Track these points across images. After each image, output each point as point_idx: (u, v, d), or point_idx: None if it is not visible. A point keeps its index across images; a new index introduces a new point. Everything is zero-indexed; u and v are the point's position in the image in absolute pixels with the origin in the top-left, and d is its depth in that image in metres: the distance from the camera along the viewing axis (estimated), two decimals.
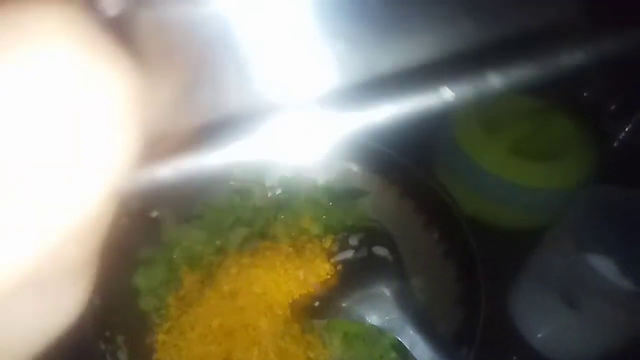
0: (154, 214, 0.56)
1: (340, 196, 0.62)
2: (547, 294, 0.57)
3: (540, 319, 0.60)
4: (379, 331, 0.52)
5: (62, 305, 0.13)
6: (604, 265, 0.57)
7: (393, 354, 0.51)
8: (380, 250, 0.50)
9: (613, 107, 0.78)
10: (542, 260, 0.59)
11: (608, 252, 0.56)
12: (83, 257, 0.13)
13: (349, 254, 0.50)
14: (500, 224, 0.66)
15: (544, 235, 0.58)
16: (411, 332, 0.43)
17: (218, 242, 0.57)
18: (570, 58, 0.14)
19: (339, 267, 0.50)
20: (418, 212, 0.59)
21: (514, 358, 0.60)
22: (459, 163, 0.67)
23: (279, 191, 0.63)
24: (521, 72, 0.15)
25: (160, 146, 0.14)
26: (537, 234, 0.59)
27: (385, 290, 0.46)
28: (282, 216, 0.59)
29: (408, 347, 0.42)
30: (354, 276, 0.48)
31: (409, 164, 0.59)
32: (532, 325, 0.60)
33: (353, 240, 0.52)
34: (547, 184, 0.63)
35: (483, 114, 0.68)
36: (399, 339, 0.43)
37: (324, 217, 0.59)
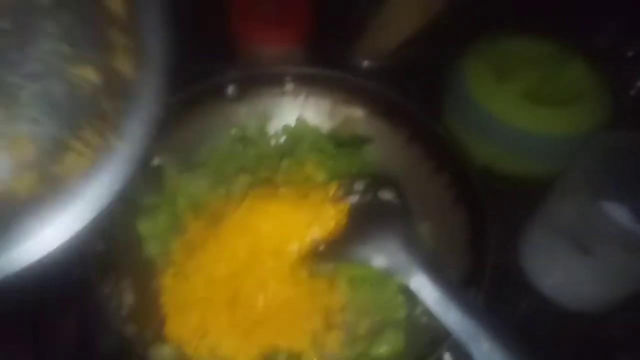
0: (156, 161, 0.55)
1: (345, 143, 0.60)
2: (559, 241, 0.56)
3: (551, 266, 0.59)
4: (386, 275, 0.51)
5: None
6: (618, 212, 0.56)
7: (400, 298, 0.51)
8: (386, 194, 0.48)
9: (631, 54, 0.75)
10: (554, 208, 0.58)
11: (622, 199, 0.55)
12: None
13: (354, 199, 0.49)
14: (512, 173, 0.65)
15: (556, 183, 0.57)
16: (418, 275, 0.42)
17: (221, 190, 0.56)
18: None
19: (345, 211, 0.49)
20: (426, 157, 0.57)
21: (523, 304, 0.59)
22: (470, 110, 0.65)
23: (282, 139, 0.62)
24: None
25: None
26: (549, 182, 0.58)
27: (392, 234, 0.45)
28: (286, 164, 0.58)
29: (414, 290, 0.42)
30: (360, 220, 0.47)
31: (416, 107, 0.57)
32: (542, 272, 0.60)
33: (358, 186, 0.50)
34: (559, 131, 0.61)
35: (494, 60, 0.66)
36: (406, 282, 0.43)
37: (328, 164, 0.58)
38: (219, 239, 0.48)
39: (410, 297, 0.50)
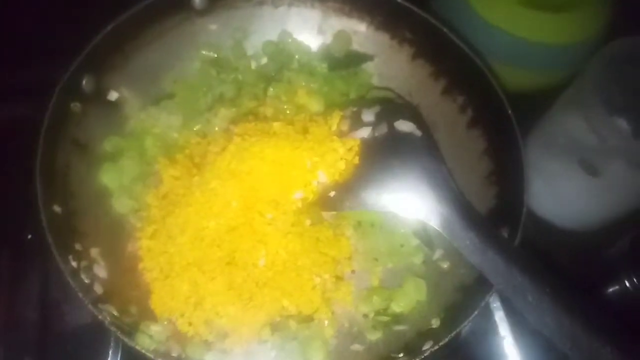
0: (114, 95, 0.44)
1: (341, 63, 0.51)
2: (561, 160, 0.51)
3: (550, 187, 0.55)
4: (397, 217, 0.45)
5: None
6: (628, 125, 0.51)
7: (415, 242, 0.45)
8: (405, 125, 0.40)
9: None
10: (556, 124, 0.53)
11: (633, 110, 0.51)
12: None
13: (365, 133, 0.41)
14: (508, 86, 0.58)
15: (558, 97, 0.52)
16: (450, 218, 0.35)
17: (197, 127, 0.47)
18: None
19: (356, 149, 0.41)
20: (435, 76, 0.49)
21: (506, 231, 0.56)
22: (461, 16, 0.56)
23: (264, 60, 0.52)
24: None
25: None
26: (550, 96, 0.52)
27: (418, 173, 0.38)
28: (272, 90, 0.49)
29: (448, 236, 0.35)
30: (377, 159, 0.39)
31: (424, 14, 0.47)
32: (538, 194, 0.55)
33: (367, 116, 0.42)
34: (561, 38, 0.54)
35: None
36: (435, 226, 0.36)
37: (323, 89, 0.49)
38: (204, 189, 0.39)
39: (427, 240, 0.45)
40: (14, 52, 0.57)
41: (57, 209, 0.36)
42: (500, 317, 0.50)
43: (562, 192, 0.54)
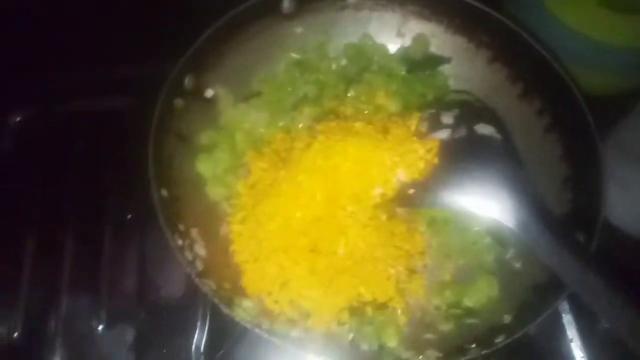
0: (210, 93, 0.49)
1: (418, 64, 0.53)
2: (637, 168, 0.51)
3: (628, 196, 0.54)
4: (470, 215, 0.46)
5: None
6: None
7: (487, 240, 0.46)
8: (485, 129, 0.42)
9: None
10: (633, 130, 0.52)
11: None
12: None
13: (444, 134, 0.43)
14: (585, 90, 0.58)
15: (636, 101, 0.51)
16: (529, 222, 0.37)
17: (282, 124, 0.51)
18: None
19: (435, 149, 0.43)
20: (512, 79, 0.50)
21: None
22: (536, 18, 0.55)
23: (344, 62, 0.55)
24: None
25: None
26: (627, 101, 0.52)
27: (498, 175, 0.39)
28: (353, 91, 0.51)
29: (525, 237, 0.37)
30: (456, 160, 0.41)
31: (502, 17, 0.48)
32: (617, 202, 0.54)
33: (447, 118, 0.44)
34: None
35: None
36: (512, 227, 0.38)
37: (401, 90, 0.51)
38: (292, 181, 0.43)
39: (500, 239, 0.46)
40: (117, 51, 0.63)
41: (164, 193, 0.41)
42: (568, 320, 0.50)
43: (633, 198, 0.53)
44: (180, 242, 0.39)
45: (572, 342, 0.50)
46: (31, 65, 0.62)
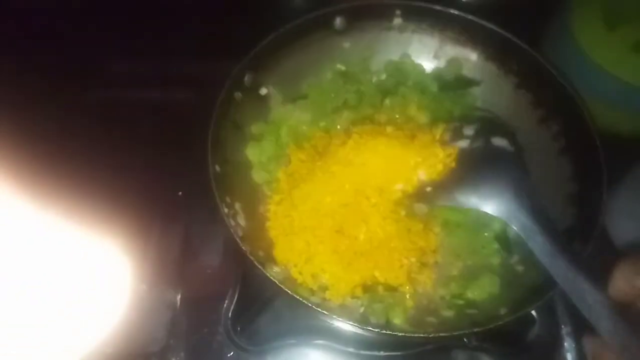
0: (264, 91, 0.56)
1: (450, 84, 0.59)
2: None
3: (633, 226, 0.57)
4: (482, 222, 0.52)
5: None
6: None
7: (495, 245, 0.51)
8: (500, 141, 0.48)
9: None
10: None
11: None
12: None
13: (464, 143, 0.49)
14: (611, 129, 0.61)
15: None
16: (528, 224, 0.42)
17: (322, 124, 0.57)
18: None
19: (454, 155, 0.48)
20: (535, 105, 0.55)
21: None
22: (572, 58, 0.60)
23: (383, 76, 0.61)
24: None
25: None
26: None
27: (506, 181, 0.45)
28: (388, 102, 0.58)
29: (525, 239, 0.42)
30: (471, 165, 0.47)
31: (532, 50, 0.54)
32: (622, 229, 0.57)
33: (468, 130, 0.50)
34: None
35: (604, 4, 0.60)
36: (515, 229, 0.43)
37: (431, 105, 0.57)
38: (325, 172, 0.49)
39: (506, 246, 0.51)
40: (185, 48, 0.72)
41: (217, 168, 0.48)
42: (567, 332, 0.54)
43: None
44: (226, 210, 0.46)
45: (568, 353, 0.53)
46: (115, 54, 0.71)
